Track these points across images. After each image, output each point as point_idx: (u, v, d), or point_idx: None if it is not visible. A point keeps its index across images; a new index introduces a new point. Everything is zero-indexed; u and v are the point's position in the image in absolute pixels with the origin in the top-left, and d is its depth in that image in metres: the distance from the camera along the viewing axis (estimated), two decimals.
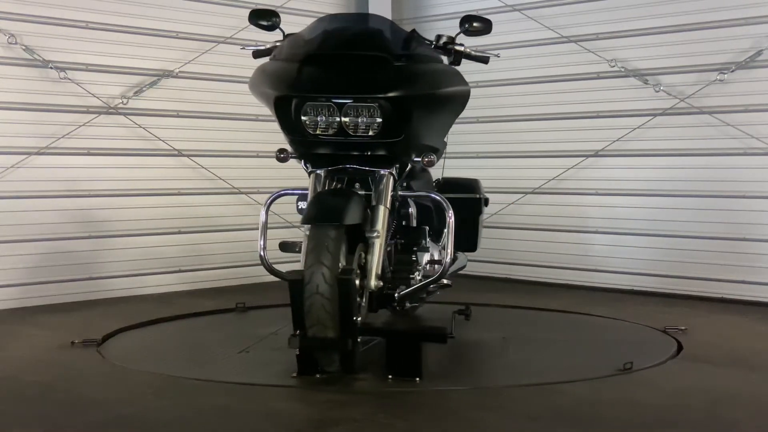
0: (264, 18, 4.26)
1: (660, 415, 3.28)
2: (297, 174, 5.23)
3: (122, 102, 6.08)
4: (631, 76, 6.25)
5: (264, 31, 4.31)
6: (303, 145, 3.98)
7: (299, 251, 3.98)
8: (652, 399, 3.47)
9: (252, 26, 6.58)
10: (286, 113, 3.92)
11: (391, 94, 3.80)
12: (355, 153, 3.92)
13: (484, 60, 4.38)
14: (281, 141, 6.91)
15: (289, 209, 4.58)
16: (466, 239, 4.78)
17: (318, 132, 3.87)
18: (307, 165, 4.08)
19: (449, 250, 4.07)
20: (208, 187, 6.51)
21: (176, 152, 6.35)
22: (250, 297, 5.93)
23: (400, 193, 4.14)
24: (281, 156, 4.15)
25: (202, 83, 6.50)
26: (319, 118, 3.86)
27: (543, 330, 4.96)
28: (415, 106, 3.86)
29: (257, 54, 4.40)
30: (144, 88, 6.18)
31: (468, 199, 4.45)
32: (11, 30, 5.62)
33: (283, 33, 4.22)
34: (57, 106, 5.83)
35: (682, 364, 4.11)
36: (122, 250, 6.11)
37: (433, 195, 4.24)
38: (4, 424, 3.20)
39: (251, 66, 6.67)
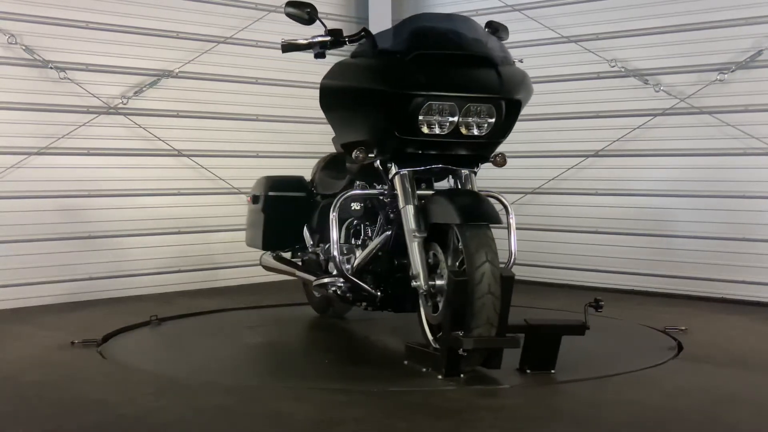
0: (301, 10, 4.09)
1: (660, 415, 3.27)
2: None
3: (122, 102, 6.08)
4: (631, 76, 6.25)
5: (302, 25, 4.12)
6: (411, 145, 3.88)
7: None
8: (652, 399, 3.47)
9: (252, 26, 6.67)
10: (397, 112, 3.80)
11: (512, 96, 3.90)
12: (459, 153, 3.95)
13: None
14: (282, 141, 6.95)
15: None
16: None
17: (429, 131, 3.82)
18: (389, 165, 4.02)
19: (513, 251, 4.20)
20: (208, 187, 6.52)
21: (176, 152, 6.35)
22: (250, 298, 5.93)
23: None
24: (360, 155, 4.04)
25: (202, 83, 6.50)
26: (437, 118, 3.82)
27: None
28: (521, 108, 3.99)
29: (289, 48, 4.23)
30: (144, 88, 6.18)
31: None
32: (11, 30, 5.62)
33: (325, 27, 4.13)
34: (57, 106, 5.83)
35: (682, 364, 4.11)
36: (122, 250, 6.11)
37: (493, 194, 4.25)
38: (4, 424, 3.20)
39: (251, 66, 6.73)
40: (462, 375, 3.70)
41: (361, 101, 3.98)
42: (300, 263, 5.11)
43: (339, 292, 4.28)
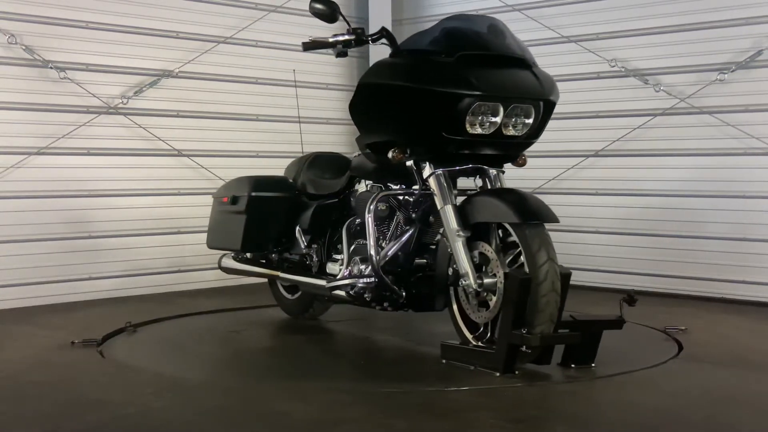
0: (325, 7, 4.07)
1: (660, 415, 3.27)
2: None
3: (122, 102, 6.08)
4: (631, 76, 6.24)
5: (326, 23, 4.12)
6: (453, 144, 3.89)
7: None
8: (652, 399, 3.47)
9: (252, 26, 6.67)
10: (445, 111, 3.82)
11: (549, 97, 3.98)
12: (496, 153, 4.02)
13: None
14: (282, 141, 6.94)
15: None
16: None
17: (472, 131, 3.86)
18: (423, 165, 4.03)
19: None
20: (208, 187, 6.50)
21: (176, 152, 6.35)
22: (249, 298, 5.93)
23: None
24: (396, 155, 4.04)
25: (202, 83, 6.50)
26: (481, 118, 3.86)
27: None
28: (554, 109, 4.06)
29: (311, 46, 4.22)
30: (144, 88, 6.18)
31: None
32: (11, 30, 5.62)
33: (349, 25, 4.13)
34: (57, 106, 5.83)
35: (682, 364, 4.11)
36: (122, 250, 6.11)
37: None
38: (4, 424, 3.20)
39: (251, 66, 6.73)
40: (516, 372, 3.72)
41: (403, 100, 3.93)
42: (273, 265, 5.06)
43: (353, 293, 4.22)
